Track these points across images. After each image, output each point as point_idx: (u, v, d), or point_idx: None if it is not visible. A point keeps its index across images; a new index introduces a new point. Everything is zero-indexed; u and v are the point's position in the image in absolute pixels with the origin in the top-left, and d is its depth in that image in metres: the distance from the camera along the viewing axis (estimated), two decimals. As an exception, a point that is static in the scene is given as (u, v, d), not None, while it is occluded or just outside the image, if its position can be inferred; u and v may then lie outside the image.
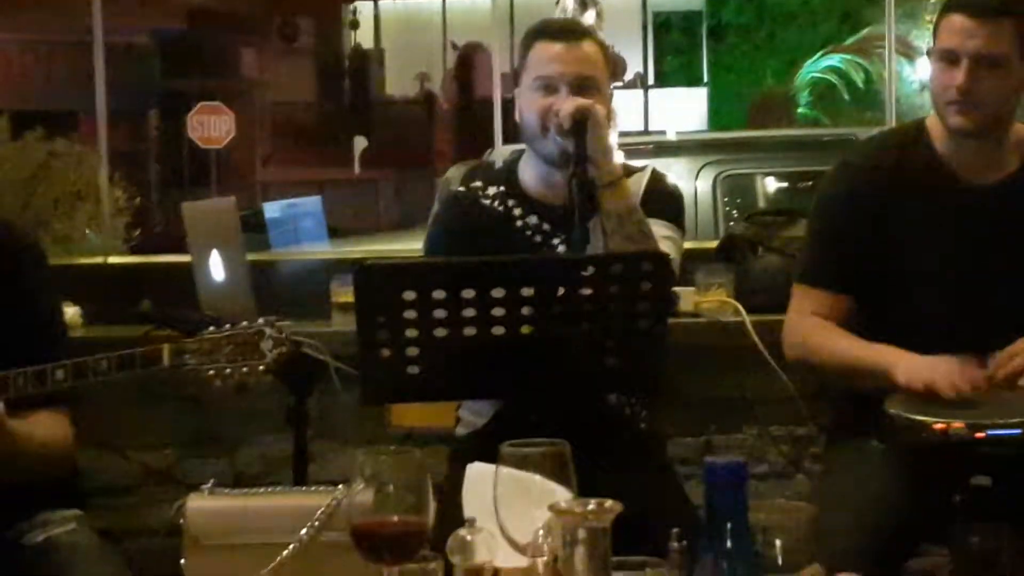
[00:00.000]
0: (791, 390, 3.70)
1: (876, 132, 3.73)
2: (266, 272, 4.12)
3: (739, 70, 14.52)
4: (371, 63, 13.53)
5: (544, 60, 3.10)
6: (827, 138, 7.91)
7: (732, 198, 6.24)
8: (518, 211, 3.15)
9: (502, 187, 3.18)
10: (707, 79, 14.43)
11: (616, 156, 3.21)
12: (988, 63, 2.88)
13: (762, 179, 6.50)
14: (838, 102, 13.39)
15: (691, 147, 6.97)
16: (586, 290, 2.58)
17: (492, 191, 3.19)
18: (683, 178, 5.97)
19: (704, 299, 3.89)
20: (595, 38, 3.18)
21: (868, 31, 13.06)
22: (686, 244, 3.27)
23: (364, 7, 13.81)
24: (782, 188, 6.52)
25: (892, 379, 2.80)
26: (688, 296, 3.85)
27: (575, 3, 4.52)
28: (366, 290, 2.58)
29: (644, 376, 2.74)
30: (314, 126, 13.27)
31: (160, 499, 4.07)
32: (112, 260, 4.55)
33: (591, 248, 2.92)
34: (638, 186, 3.13)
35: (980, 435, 2.54)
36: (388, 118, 13.17)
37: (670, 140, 7.44)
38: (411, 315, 2.55)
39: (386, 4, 13.70)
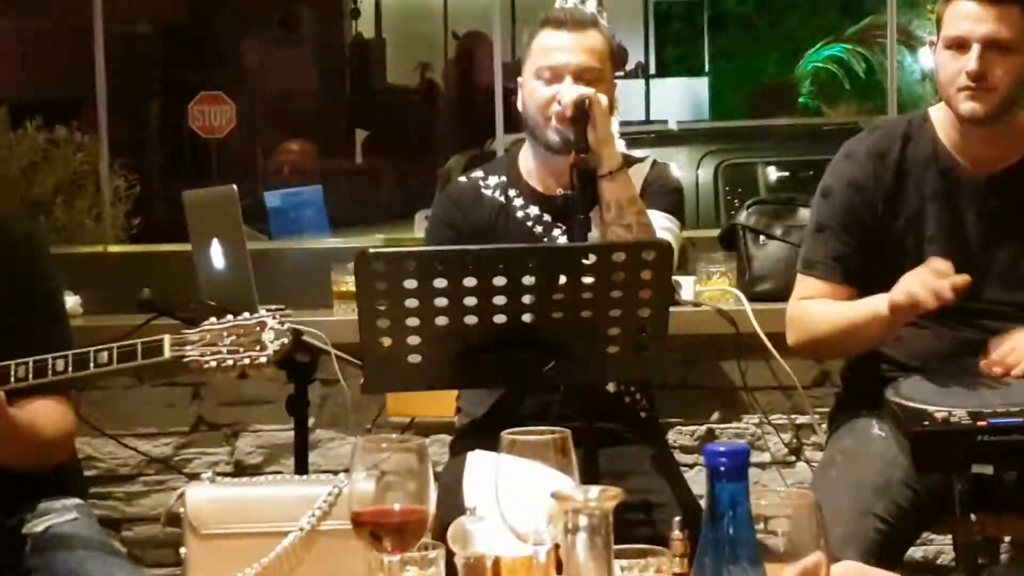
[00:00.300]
0: (792, 378, 3.70)
1: (879, 121, 3.73)
2: (267, 261, 4.11)
3: (740, 60, 14.49)
4: (372, 53, 13.50)
5: (548, 50, 3.09)
6: (828, 127, 7.90)
7: (733, 187, 6.23)
8: (518, 202, 3.15)
9: (503, 177, 3.18)
10: (708, 69, 14.40)
11: (617, 145, 3.21)
12: (998, 48, 2.87)
13: (763, 168, 6.49)
14: (839, 92, 13.36)
15: (692, 136, 6.96)
16: (588, 279, 2.57)
17: (492, 181, 3.18)
18: (684, 167, 5.97)
19: (705, 288, 3.88)
20: (600, 28, 3.17)
21: (869, 21, 13.02)
22: (685, 233, 3.27)
23: (365, -4, 13.79)
24: (783, 177, 6.51)
25: (882, 316, 2.81)
26: (689, 285, 3.85)
27: (577, -8, 4.51)
28: (367, 278, 2.57)
29: (645, 365, 2.73)
30: (315, 116, 13.25)
31: (161, 487, 4.08)
32: (112, 249, 4.54)
33: (591, 237, 2.91)
34: (639, 177, 3.13)
35: (982, 423, 2.54)
36: (389, 108, 13.14)
37: (671, 129, 7.43)
38: (412, 304, 2.54)
39: (387, -7, 13.68)
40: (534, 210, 3.13)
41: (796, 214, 3.91)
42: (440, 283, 2.54)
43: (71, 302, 4.01)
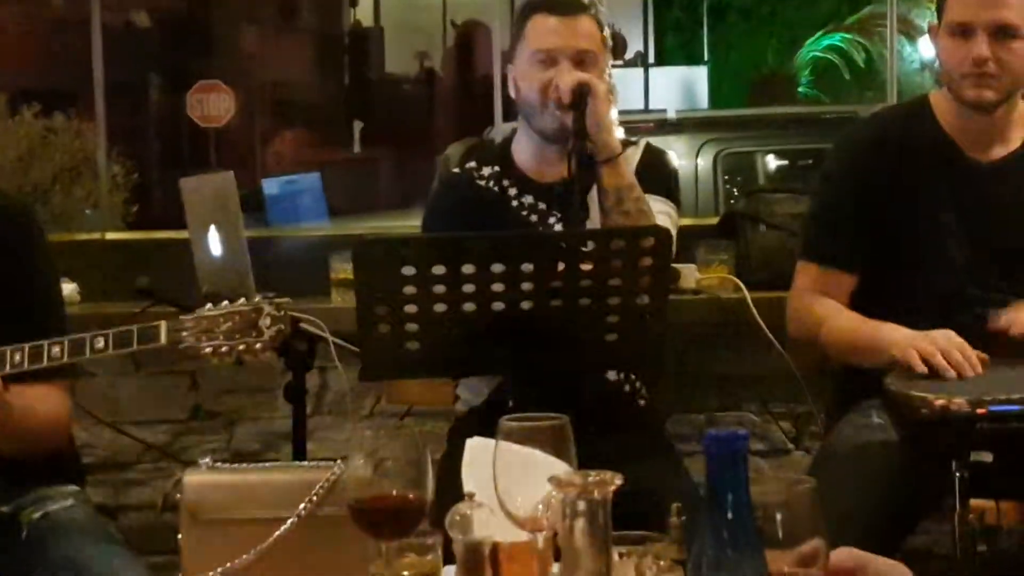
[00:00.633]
0: (792, 367, 3.69)
1: (879, 108, 3.72)
2: (265, 249, 4.11)
3: (740, 49, 14.47)
4: (370, 41, 13.48)
5: (542, 33, 3.08)
6: (827, 116, 7.89)
7: (732, 176, 6.23)
8: (513, 191, 3.13)
9: (497, 167, 3.16)
10: (708, 58, 14.38)
11: (616, 132, 3.19)
12: (1004, 34, 2.86)
13: (762, 157, 6.49)
14: (839, 81, 13.35)
15: (691, 125, 6.95)
16: (586, 265, 2.56)
17: (487, 171, 3.17)
18: (684, 156, 5.97)
19: (705, 276, 3.87)
20: (591, 13, 3.16)
21: (869, 10, 13.01)
22: (685, 220, 3.26)
23: (363, -15, 13.76)
24: (782, 166, 6.51)
25: (891, 353, 2.80)
26: (689, 273, 3.84)
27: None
28: (365, 265, 2.56)
29: (644, 352, 2.72)
30: (314, 105, 13.23)
31: (158, 475, 4.07)
32: (110, 236, 4.53)
33: (589, 224, 2.90)
34: (631, 161, 3.11)
35: (981, 411, 2.53)
36: (388, 96, 13.13)
37: (671, 118, 7.41)
38: (410, 291, 2.54)
39: (386, -18, 13.65)
40: (529, 199, 3.12)
41: (796, 202, 3.90)
42: (438, 270, 2.53)
43: (69, 289, 4.00)
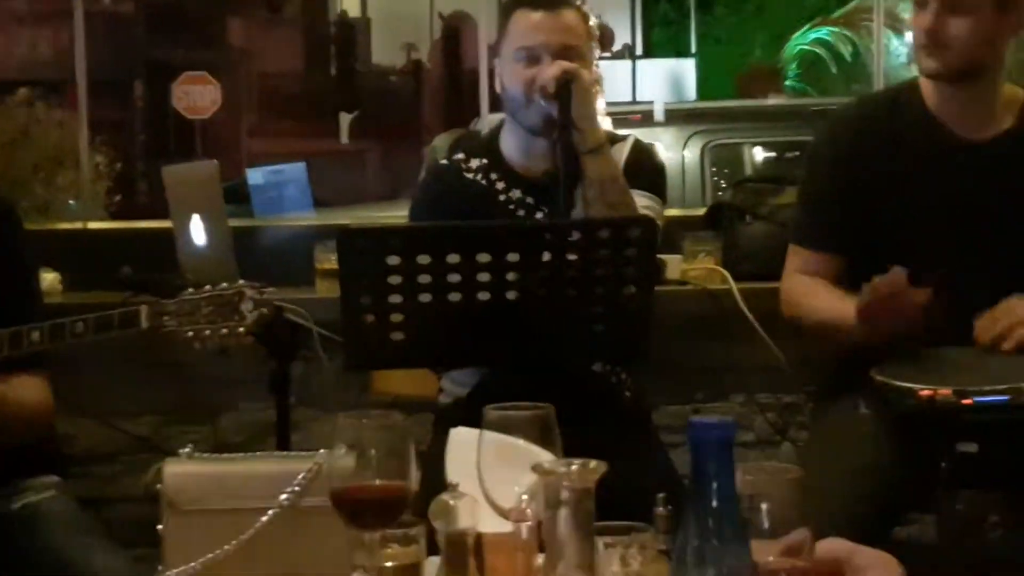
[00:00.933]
0: (778, 358, 3.68)
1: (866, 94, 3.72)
2: (249, 239, 4.08)
3: (727, 42, 14.47)
4: (357, 32, 13.45)
5: (526, 29, 3.07)
6: (814, 108, 7.88)
7: (720, 168, 6.22)
8: (501, 184, 3.12)
9: (484, 160, 3.15)
10: (695, 50, 14.37)
11: (603, 124, 3.19)
12: (954, 6, 2.87)
13: (749, 149, 6.48)
14: (825, 74, 13.34)
15: (679, 117, 6.94)
16: (572, 255, 2.56)
17: (475, 164, 3.15)
18: (671, 148, 5.96)
19: (691, 267, 3.86)
20: (575, 6, 3.15)
21: (856, 4, 13.00)
22: (671, 213, 3.25)
23: (350, -24, 13.73)
24: (770, 158, 6.50)
25: (854, 329, 2.79)
26: (675, 264, 3.83)
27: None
28: (349, 255, 2.55)
29: (630, 343, 2.71)
30: (300, 96, 13.20)
31: (141, 466, 4.04)
32: (92, 226, 4.50)
33: (574, 216, 2.90)
34: (619, 156, 3.10)
35: (967, 401, 2.53)
36: (375, 88, 13.10)
37: (657, 109, 7.40)
38: (395, 280, 2.53)
39: (372, -27, 13.62)
40: (516, 193, 3.11)
41: (782, 193, 3.89)
42: (423, 259, 2.52)
43: (51, 279, 3.98)
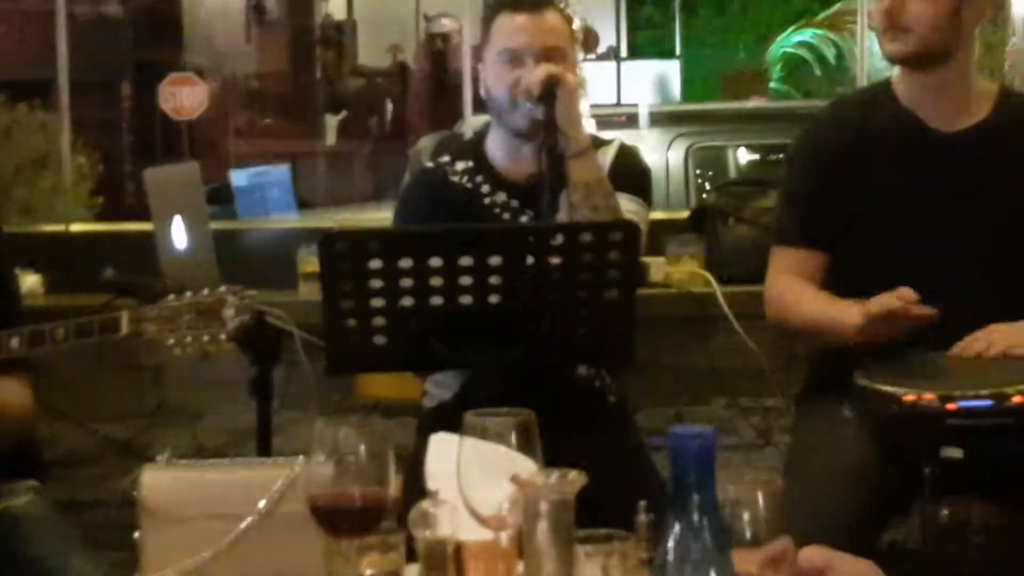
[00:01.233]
0: (762, 361, 3.67)
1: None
2: (231, 241, 4.07)
3: (712, 44, 14.47)
4: (343, 34, 13.44)
5: (508, 32, 3.06)
6: (798, 110, 7.88)
7: (704, 170, 6.21)
8: (486, 188, 3.11)
9: (470, 162, 3.14)
10: (680, 52, 14.37)
11: (587, 126, 3.18)
12: None
13: (733, 151, 6.48)
14: (809, 77, 13.36)
15: (663, 119, 6.93)
16: (555, 259, 2.54)
17: (460, 167, 3.14)
18: (655, 150, 5.96)
19: (674, 269, 3.86)
20: (557, 8, 3.15)
21: (840, 6, 13.02)
22: (656, 215, 3.25)
23: (335, -22, 13.70)
24: (753, 160, 6.50)
25: (852, 328, 2.78)
26: (658, 266, 3.82)
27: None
28: (331, 258, 2.54)
29: (613, 347, 2.70)
30: (286, 97, 13.18)
31: (121, 471, 4.02)
32: (74, 228, 4.49)
33: (559, 219, 2.88)
34: (605, 159, 3.09)
35: (951, 406, 2.51)
36: (361, 90, 13.08)
37: (642, 112, 7.39)
38: (377, 284, 2.51)
39: (357, -25, 13.59)
40: (502, 196, 3.10)
41: (765, 196, 3.90)
42: (405, 263, 2.51)
43: (33, 281, 3.97)
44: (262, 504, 1.99)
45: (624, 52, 13.83)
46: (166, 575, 2.00)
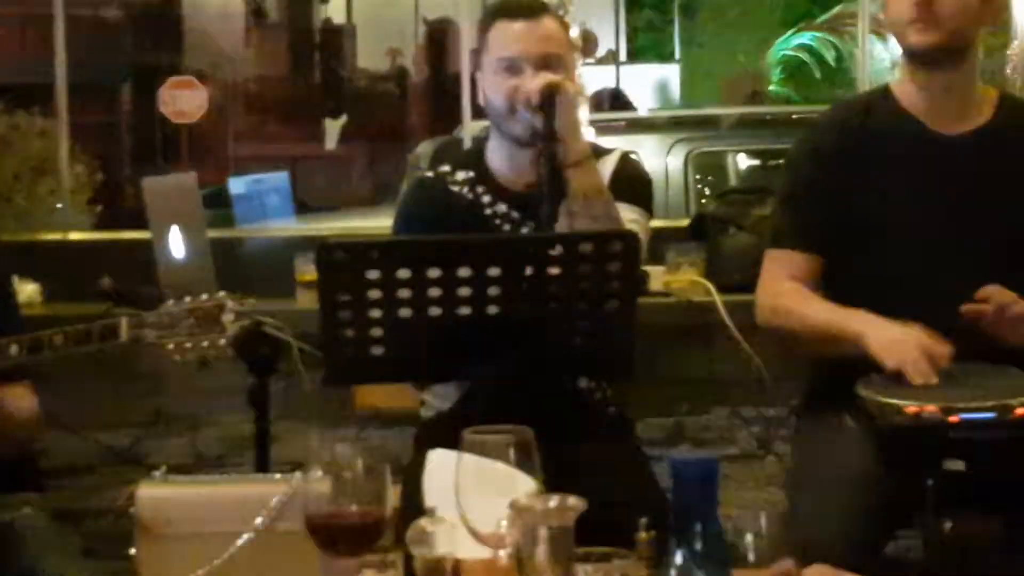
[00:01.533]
0: (762, 371, 3.66)
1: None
2: (229, 249, 4.05)
3: (711, 47, 14.49)
4: (342, 38, 13.44)
5: (506, 40, 3.03)
6: (798, 116, 7.87)
7: (703, 176, 6.20)
8: (487, 198, 3.09)
9: (471, 172, 3.12)
10: (679, 56, 14.39)
11: (586, 134, 3.16)
12: None
13: (733, 157, 6.47)
14: (809, 80, 13.38)
15: (662, 124, 6.92)
16: (554, 270, 2.52)
17: (460, 176, 3.12)
18: (654, 155, 5.94)
19: (674, 278, 3.84)
20: (555, 15, 3.13)
21: (839, 9, 13.04)
22: (656, 223, 3.22)
23: (334, -18, 13.70)
24: (753, 166, 6.49)
25: (864, 348, 2.76)
26: (658, 275, 3.80)
27: (547, -22, 4.45)
28: (329, 269, 2.52)
29: (613, 359, 2.68)
30: (286, 101, 13.18)
31: (120, 479, 4.01)
32: (73, 236, 4.48)
33: (558, 229, 2.87)
34: (606, 169, 3.07)
35: (954, 419, 2.49)
36: (360, 93, 13.08)
37: (641, 116, 7.39)
38: (375, 295, 2.49)
39: (356, -22, 13.59)
40: (502, 207, 3.08)
41: (766, 204, 3.87)
42: (404, 274, 2.49)
43: (31, 290, 3.95)
44: (259, 521, 1.97)
45: (623, 56, 13.84)
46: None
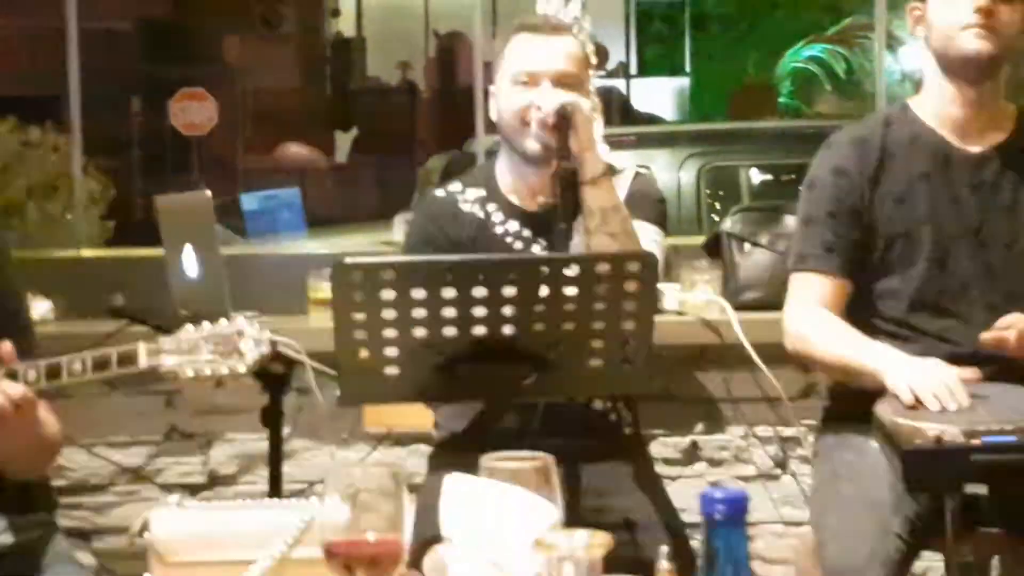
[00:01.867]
0: (778, 390, 3.63)
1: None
2: (242, 266, 4.03)
3: (721, 59, 14.47)
4: (353, 51, 13.46)
5: (524, 55, 3.03)
6: (811, 130, 7.84)
7: (715, 190, 6.17)
8: (498, 216, 3.08)
9: (481, 191, 3.11)
10: (689, 68, 14.38)
11: (601, 151, 3.15)
12: None
13: (746, 171, 6.44)
14: (819, 92, 13.36)
15: (674, 138, 6.90)
16: (570, 290, 2.51)
17: (471, 195, 3.11)
18: (666, 169, 5.91)
19: (689, 296, 3.81)
20: (573, 34, 3.13)
21: (850, 21, 13.02)
22: (668, 240, 3.21)
23: (345, -5, 13.73)
24: (766, 180, 6.46)
25: (882, 384, 2.75)
26: (673, 293, 3.78)
27: (560, -7, 4.43)
28: (343, 288, 2.50)
29: (629, 379, 2.66)
30: (296, 114, 13.19)
31: (132, 498, 3.99)
32: (85, 253, 4.46)
33: (574, 247, 2.85)
34: (621, 188, 3.06)
35: (975, 442, 2.47)
36: (370, 106, 13.09)
37: (653, 131, 7.36)
38: (390, 315, 2.48)
39: (367, -8, 13.62)
40: (513, 225, 3.07)
41: (782, 221, 3.85)
42: (418, 294, 2.47)
43: (43, 307, 3.93)
44: (276, 549, 1.95)
45: (634, 68, 13.84)
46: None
